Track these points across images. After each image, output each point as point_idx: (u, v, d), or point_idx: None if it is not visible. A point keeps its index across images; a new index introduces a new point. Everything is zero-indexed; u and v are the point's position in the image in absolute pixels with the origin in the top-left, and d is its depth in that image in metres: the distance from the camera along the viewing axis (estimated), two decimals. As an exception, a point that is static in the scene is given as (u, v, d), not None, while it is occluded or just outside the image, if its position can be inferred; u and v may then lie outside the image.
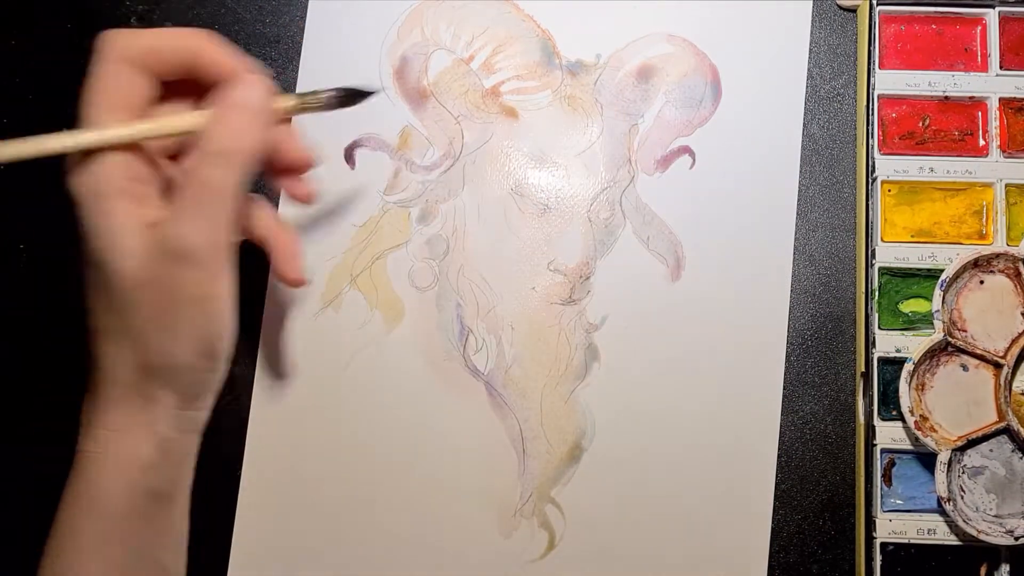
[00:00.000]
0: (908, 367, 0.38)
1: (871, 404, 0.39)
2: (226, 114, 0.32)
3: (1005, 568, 0.38)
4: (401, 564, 0.40)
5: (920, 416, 0.38)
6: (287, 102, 0.35)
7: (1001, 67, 0.41)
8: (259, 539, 0.40)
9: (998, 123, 0.41)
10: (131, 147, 0.32)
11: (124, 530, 0.31)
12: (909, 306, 0.40)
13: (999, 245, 0.40)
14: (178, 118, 0.33)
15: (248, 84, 0.32)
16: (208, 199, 0.31)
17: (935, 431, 0.38)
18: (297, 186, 0.37)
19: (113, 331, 0.32)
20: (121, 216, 0.31)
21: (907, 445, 0.39)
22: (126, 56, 0.32)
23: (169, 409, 0.32)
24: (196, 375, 0.32)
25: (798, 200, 0.42)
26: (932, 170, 0.41)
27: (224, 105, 0.32)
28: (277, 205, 0.42)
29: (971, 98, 0.41)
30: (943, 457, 0.38)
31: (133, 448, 0.31)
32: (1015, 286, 0.39)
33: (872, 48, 0.41)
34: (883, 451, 0.39)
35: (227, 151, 0.31)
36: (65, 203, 0.43)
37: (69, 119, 0.43)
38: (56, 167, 0.43)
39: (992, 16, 0.42)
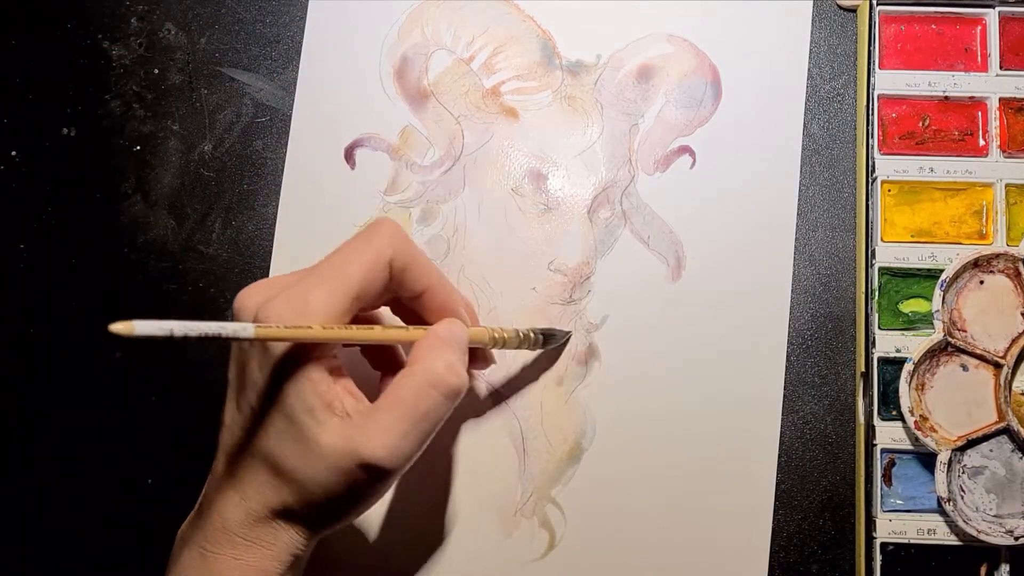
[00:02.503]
0: (908, 367, 0.38)
1: (871, 404, 0.39)
2: (445, 348, 0.33)
3: (1005, 568, 0.38)
4: (401, 563, 0.40)
5: (920, 416, 0.38)
6: (484, 339, 0.36)
7: (1001, 67, 0.41)
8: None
9: (998, 123, 0.41)
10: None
11: None
12: (909, 306, 0.40)
13: (999, 245, 0.40)
14: (396, 332, 0.33)
15: (458, 324, 0.34)
16: (419, 424, 0.32)
17: (935, 431, 0.38)
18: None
19: (274, 467, 0.32)
20: (325, 394, 0.31)
21: (907, 445, 0.39)
22: (391, 253, 0.33)
23: (304, 536, 0.33)
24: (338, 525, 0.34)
25: (798, 200, 0.42)
26: (932, 170, 0.41)
27: (445, 339, 0.33)
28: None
29: (971, 98, 0.41)
30: (943, 457, 0.38)
31: (269, 560, 0.33)
32: (1015, 286, 0.39)
33: (872, 48, 0.41)
34: (883, 451, 0.39)
35: (449, 386, 0.32)
36: (65, 203, 0.43)
37: (69, 119, 0.44)
38: (54, 166, 0.44)
39: (992, 16, 0.42)
